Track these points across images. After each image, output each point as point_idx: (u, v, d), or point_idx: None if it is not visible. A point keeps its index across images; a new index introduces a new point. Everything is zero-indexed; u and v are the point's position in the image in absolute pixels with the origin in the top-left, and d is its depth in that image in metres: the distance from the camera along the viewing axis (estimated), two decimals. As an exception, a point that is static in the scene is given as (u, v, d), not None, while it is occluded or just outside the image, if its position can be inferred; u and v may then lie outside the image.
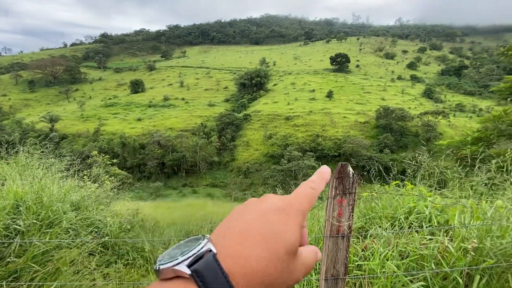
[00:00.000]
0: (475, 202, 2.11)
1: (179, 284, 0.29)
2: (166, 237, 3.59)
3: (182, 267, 0.30)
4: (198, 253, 0.31)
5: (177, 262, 0.30)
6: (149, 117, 65.53)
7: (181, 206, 13.98)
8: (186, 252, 0.31)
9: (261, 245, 0.32)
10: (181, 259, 0.30)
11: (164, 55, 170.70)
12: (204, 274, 0.29)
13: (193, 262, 0.30)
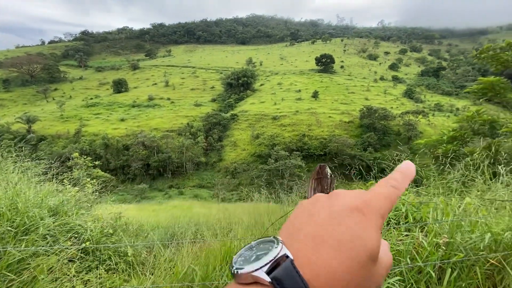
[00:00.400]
0: (445, 199, 2.23)
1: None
2: (149, 241, 3.53)
3: (261, 274, 0.29)
4: (275, 258, 0.29)
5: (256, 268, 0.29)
6: (133, 118, 63.93)
7: (167, 208, 13.75)
8: (262, 256, 0.30)
9: (341, 252, 0.30)
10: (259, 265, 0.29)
11: (148, 54, 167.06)
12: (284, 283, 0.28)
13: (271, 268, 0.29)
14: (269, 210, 3.43)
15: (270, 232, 2.90)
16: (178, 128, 58.17)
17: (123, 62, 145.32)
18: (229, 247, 2.62)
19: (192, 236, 3.78)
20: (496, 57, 5.40)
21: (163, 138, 52.14)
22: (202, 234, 3.78)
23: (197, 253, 3.13)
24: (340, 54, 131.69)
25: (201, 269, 2.42)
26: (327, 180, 1.60)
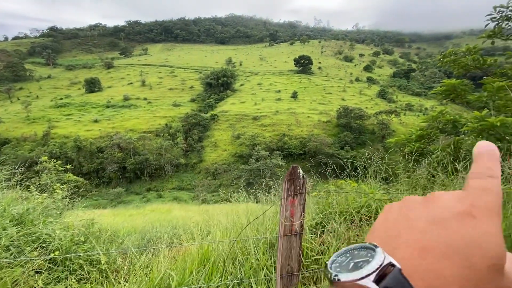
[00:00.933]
0: (410, 195, 2.38)
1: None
2: (124, 248, 3.42)
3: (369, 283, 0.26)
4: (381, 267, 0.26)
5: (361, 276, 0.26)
6: (107, 118, 61.19)
7: (145, 212, 13.32)
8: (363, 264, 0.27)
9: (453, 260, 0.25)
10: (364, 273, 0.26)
11: (123, 52, 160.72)
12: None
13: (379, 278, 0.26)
14: (248, 210, 3.46)
15: (248, 233, 2.92)
16: (156, 129, 56.53)
17: (96, 60, 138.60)
18: (206, 250, 2.60)
19: (169, 241, 3.70)
20: (457, 61, 5.86)
21: (140, 140, 50.42)
22: (179, 238, 3.72)
23: (174, 257, 3.08)
24: (317, 55, 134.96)
25: (177, 273, 2.38)
26: (299, 181, 1.65)
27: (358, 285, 0.26)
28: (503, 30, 5.21)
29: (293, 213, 1.64)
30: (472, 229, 0.27)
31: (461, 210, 0.28)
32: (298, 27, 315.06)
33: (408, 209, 0.31)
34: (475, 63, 5.79)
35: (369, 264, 0.26)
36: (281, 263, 1.65)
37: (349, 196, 3.25)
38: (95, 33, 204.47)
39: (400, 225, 0.30)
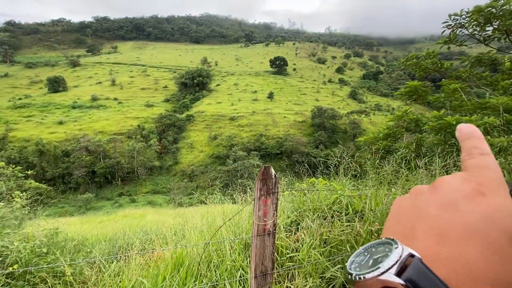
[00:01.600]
0: (376, 191, 2.52)
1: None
2: (92, 257, 3.24)
3: (391, 277, 0.25)
4: (401, 259, 0.25)
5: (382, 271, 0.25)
6: (73, 120, 57.41)
7: (116, 218, 12.67)
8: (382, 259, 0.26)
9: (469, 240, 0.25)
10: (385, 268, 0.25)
11: (90, 49, 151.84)
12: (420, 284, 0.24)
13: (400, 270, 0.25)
14: (224, 211, 3.43)
15: (223, 233, 2.89)
16: (127, 131, 54.10)
17: (60, 58, 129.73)
18: (180, 254, 2.54)
19: (140, 247, 3.56)
20: (419, 64, 6.31)
21: (110, 142, 47.95)
22: (152, 243, 3.59)
23: (147, 264, 2.97)
24: (292, 57, 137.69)
25: (150, 280, 2.30)
26: (272, 180, 1.67)
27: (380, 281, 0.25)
28: (457, 37, 5.71)
29: (266, 213, 1.65)
30: (484, 206, 0.27)
31: (469, 190, 0.28)
32: (273, 29, 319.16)
33: (417, 199, 0.31)
34: (434, 66, 6.30)
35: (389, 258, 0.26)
36: (255, 263, 1.66)
37: (321, 193, 3.35)
38: (58, 29, 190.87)
39: (413, 216, 0.30)
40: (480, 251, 0.25)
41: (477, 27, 5.34)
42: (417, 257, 0.25)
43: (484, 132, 3.66)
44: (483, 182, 0.29)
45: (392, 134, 5.93)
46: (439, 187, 0.30)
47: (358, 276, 0.27)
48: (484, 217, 0.26)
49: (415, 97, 6.24)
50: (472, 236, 0.26)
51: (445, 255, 0.25)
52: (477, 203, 0.27)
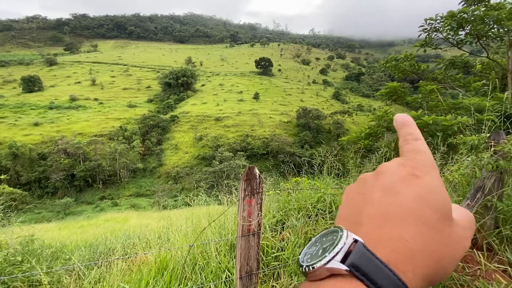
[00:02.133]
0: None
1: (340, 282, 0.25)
2: (70, 264, 3.11)
3: (336, 264, 0.26)
4: (345, 245, 0.27)
5: (328, 259, 0.26)
6: (50, 121, 54.80)
7: (98, 223, 12.22)
8: (330, 247, 0.27)
9: (407, 220, 0.27)
10: (331, 256, 0.26)
11: (68, 48, 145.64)
12: (362, 267, 0.25)
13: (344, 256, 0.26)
14: (209, 213, 3.40)
15: (209, 235, 2.87)
16: (109, 132, 52.36)
17: (35, 56, 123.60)
18: (164, 257, 2.49)
19: (122, 252, 3.46)
20: (397, 66, 6.57)
21: (90, 144, 46.23)
22: (135, 248, 3.50)
23: (130, 269, 2.88)
24: (277, 58, 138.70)
25: (132, 286, 2.24)
26: (256, 181, 1.67)
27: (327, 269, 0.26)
28: (432, 40, 5.98)
29: (251, 213, 1.66)
30: (418, 188, 0.29)
31: (405, 173, 0.31)
32: (258, 30, 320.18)
33: (363, 186, 0.33)
34: (412, 68, 6.58)
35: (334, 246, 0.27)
36: (240, 264, 1.66)
37: (305, 192, 3.40)
38: (33, 26, 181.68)
39: (359, 202, 0.31)
40: (416, 230, 0.27)
41: (450, 31, 5.64)
42: (360, 242, 0.27)
43: (457, 131, 3.86)
44: (416, 165, 0.31)
45: (373, 133, 6.13)
46: (381, 173, 0.33)
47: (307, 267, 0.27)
48: (418, 197, 0.29)
49: (394, 98, 6.49)
50: (409, 216, 0.28)
51: (386, 237, 0.27)
52: (412, 185, 0.30)
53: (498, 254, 2.14)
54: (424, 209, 0.28)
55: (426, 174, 0.31)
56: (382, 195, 0.30)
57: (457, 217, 0.31)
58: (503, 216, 2.26)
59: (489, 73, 6.58)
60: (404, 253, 0.26)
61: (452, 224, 0.29)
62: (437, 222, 0.28)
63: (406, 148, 0.34)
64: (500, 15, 5.34)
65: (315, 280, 0.27)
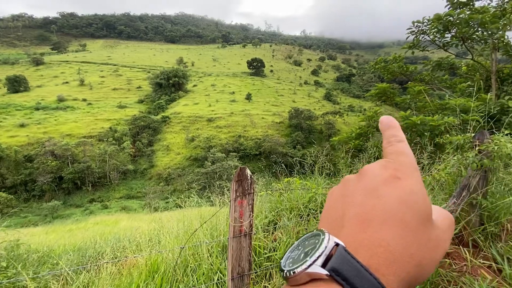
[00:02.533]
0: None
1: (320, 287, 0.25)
2: (58, 269, 3.04)
3: (317, 268, 0.26)
4: (326, 249, 0.26)
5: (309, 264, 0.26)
6: (37, 122, 53.36)
7: (87, 226, 11.95)
8: (312, 252, 0.27)
9: (388, 223, 0.27)
10: (311, 260, 0.26)
11: (56, 47, 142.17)
12: (343, 271, 0.25)
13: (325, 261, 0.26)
14: (201, 214, 3.38)
15: (200, 237, 2.85)
16: (98, 133, 51.36)
17: (20, 55, 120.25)
18: (155, 260, 2.45)
19: (111, 255, 3.39)
20: (387, 68, 6.70)
21: (79, 146, 45.22)
22: (124, 251, 3.44)
23: (120, 272, 2.83)
24: (269, 58, 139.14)
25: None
26: (247, 182, 1.67)
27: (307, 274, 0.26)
28: (420, 42, 6.13)
29: (242, 214, 1.65)
30: (400, 190, 0.29)
31: (387, 175, 0.31)
32: (250, 30, 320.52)
33: (346, 188, 0.33)
34: (400, 70, 6.73)
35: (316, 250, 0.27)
36: (231, 265, 1.65)
37: (297, 192, 3.42)
38: (19, 24, 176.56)
39: (342, 205, 0.31)
40: (397, 233, 0.27)
41: (437, 33, 5.79)
42: (341, 246, 0.26)
43: (444, 131, 3.96)
44: (399, 168, 0.31)
45: (363, 133, 6.23)
46: (363, 175, 0.32)
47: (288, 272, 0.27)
48: (399, 199, 0.28)
49: (384, 99, 6.62)
50: (390, 219, 0.28)
51: (367, 241, 0.27)
52: (394, 187, 0.29)
53: (483, 251, 2.20)
54: (405, 211, 0.28)
55: (408, 176, 0.31)
56: (364, 197, 0.30)
57: (437, 219, 0.31)
58: (488, 213, 2.33)
59: (474, 74, 6.78)
60: (385, 257, 0.26)
61: (432, 227, 0.29)
62: (418, 225, 0.28)
63: (389, 150, 0.34)
64: (484, 19, 5.52)
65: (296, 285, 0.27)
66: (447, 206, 2.28)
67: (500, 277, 1.96)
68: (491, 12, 5.83)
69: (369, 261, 0.26)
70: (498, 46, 6.05)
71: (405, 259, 0.26)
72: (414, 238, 0.27)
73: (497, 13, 5.82)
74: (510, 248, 2.08)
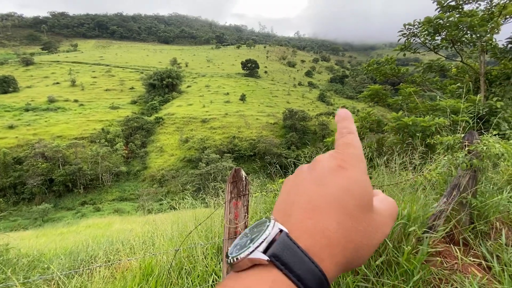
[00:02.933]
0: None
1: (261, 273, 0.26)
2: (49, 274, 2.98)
3: (258, 254, 0.27)
4: (269, 236, 0.28)
5: (251, 250, 0.27)
6: (26, 124, 52.27)
7: (79, 230, 11.74)
8: (257, 238, 0.28)
9: (331, 211, 0.29)
10: (254, 246, 0.27)
11: (46, 47, 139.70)
12: (283, 257, 0.26)
13: (267, 247, 0.27)
14: (195, 216, 3.36)
15: (195, 239, 2.83)
16: (90, 135, 50.60)
17: (10, 55, 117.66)
18: (149, 263, 2.43)
19: (104, 259, 3.35)
20: (379, 69, 6.81)
21: (70, 147, 44.47)
22: (118, 254, 3.40)
23: (113, 276, 2.79)
24: (263, 60, 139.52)
25: (115, 293, 2.17)
26: (242, 183, 1.67)
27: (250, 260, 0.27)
28: (411, 45, 6.26)
29: (237, 215, 1.66)
30: (344, 180, 0.31)
31: (334, 165, 0.32)
32: (244, 31, 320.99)
33: (298, 177, 0.34)
34: (392, 71, 6.85)
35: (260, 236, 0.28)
36: (227, 267, 1.65)
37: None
38: (8, 24, 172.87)
39: (293, 193, 0.32)
40: (338, 219, 0.29)
41: (427, 36, 5.92)
42: (285, 232, 0.28)
43: (435, 132, 4.04)
44: (346, 158, 0.33)
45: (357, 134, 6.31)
46: (314, 164, 0.34)
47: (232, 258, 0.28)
48: (343, 188, 0.30)
49: (376, 100, 6.73)
50: (333, 207, 0.29)
51: (311, 227, 0.28)
52: (339, 176, 0.31)
53: (473, 249, 2.25)
54: (347, 199, 0.29)
55: (353, 166, 0.32)
56: (311, 186, 0.31)
57: (380, 207, 0.33)
58: (477, 212, 2.39)
59: (464, 76, 6.94)
60: (325, 242, 0.27)
61: (373, 214, 0.31)
62: (358, 212, 0.30)
63: (340, 141, 0.35)
64: (473, 22, 5.66)
65: (239, 270, 0.27)
66: (438, 205, 2.32)
67: (489, 274, 2.01)
68: (480, 16, 5.98)
69: (310, 247, 0.27)
70: (486, 49, 6.20)
71: (343, 244, 0.28)
72: (354, 224, 0.29)
73: (485, 17, 5.98)
74: (499, 246, 2.13)
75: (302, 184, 0.32)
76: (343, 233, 0.28)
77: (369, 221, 0.30)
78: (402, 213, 2.17)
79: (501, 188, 2.69)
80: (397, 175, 3.10)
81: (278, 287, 0.25)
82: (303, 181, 0.33)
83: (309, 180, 0.32)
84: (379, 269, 1.95)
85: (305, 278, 0.26)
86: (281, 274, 0.26)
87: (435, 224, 2.25)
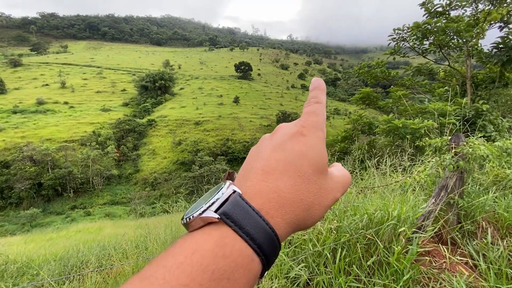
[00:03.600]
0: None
1: (210, 230, 0.27)
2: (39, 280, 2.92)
3: (210, 213, 0.28)
4: (222, 196, 0.29)
5: (203, 209, 0.28)
6: (14, 126, 50.99)
7: (68, 235, 11.49)
8: (210, 199, 0.29)
9: (286, 173, 0.31)
10: (206, 206, 0.28)
11: (35, 48, 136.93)
12: (233, 215, 0.27)
13: (220, 206, 0.28)
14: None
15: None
16: (80, 138, 49.69)
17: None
18: (142, 267, 2.41)
19: (96, 264, 3.30)
20: (370, 72, 6.95)
21: (60, 150, 43.57)
22: (110, 259, 3.35)
23: (105, 281, 2.76)
24: (257, 62, 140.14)
25: (108, 298, 2.14)
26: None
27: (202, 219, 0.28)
28: (401, 49, 6.42)
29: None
30: (302, 145, 0.33)
31: (294, 132, 0.34)
32: (237, 34, 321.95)
33: (260, 145, 0.36)
34: (383, 74, 7.01)
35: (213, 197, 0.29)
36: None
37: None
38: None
39: (253, 159, 0.34)
40: (292, 181, 0.30)
41: (416, 41, 6.09)
42: (237, 193, 0.29)
43: (424, 134, 4.14)
44: (306, 125, 0.35)
45: (349, 136, 6.40)
46: (276, 132, 0.36)
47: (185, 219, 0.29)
48: (299, 153, 0.32)
49: (367, 102, 6.87)
50: (288, 170, 0.31)
51: (265, 189, 0.30)
52: (297, 142, 0.33)
53: (460, 248, 2.32)
54: (302, 163, 0.31)
55: (311, 133, 0.34)
56: (271, 152, 0.33)
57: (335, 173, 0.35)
58: (464, 212, 2.46)
59: (451, 80, 7.14)
60: (276, 201, 0.29)
61: (326, 178, 0.33)
62: (311, 175, 0.32)
63: (305, 109, 0.37)
64: (459, 27, 5.84)
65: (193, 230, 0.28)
66: (427, 206, 2.39)
67: (476, 272, 2.07)
68: (466, 21, 6.17)
69: (262, 206, 0.29)
70: (472, 53, 6.40)
71: (295, 204, 0.30)
72: (306, 186, 0.31)
73: (471, 22, 6.18)
74: (485, 245, 2.21)
75: (263, 151, 0.34)
76: (295, 193, 0.30)
77: (321, 184, 0.32)
78: (392, 214, 2.22)
79: (487, 188, 2.78)
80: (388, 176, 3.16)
81: (225, 242, 0.26)
82: (265, 148, 0.34)
83: (269, 146, 0.34)
84: (371, 269, 1.99)
85: (254, 234, 0.27)
86: (231, 230, 0.27)
87: (424, 225, 2.31)
